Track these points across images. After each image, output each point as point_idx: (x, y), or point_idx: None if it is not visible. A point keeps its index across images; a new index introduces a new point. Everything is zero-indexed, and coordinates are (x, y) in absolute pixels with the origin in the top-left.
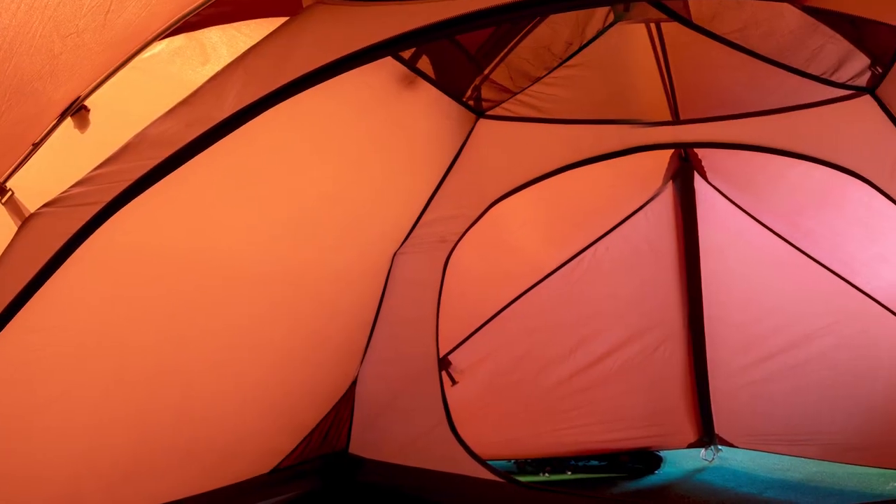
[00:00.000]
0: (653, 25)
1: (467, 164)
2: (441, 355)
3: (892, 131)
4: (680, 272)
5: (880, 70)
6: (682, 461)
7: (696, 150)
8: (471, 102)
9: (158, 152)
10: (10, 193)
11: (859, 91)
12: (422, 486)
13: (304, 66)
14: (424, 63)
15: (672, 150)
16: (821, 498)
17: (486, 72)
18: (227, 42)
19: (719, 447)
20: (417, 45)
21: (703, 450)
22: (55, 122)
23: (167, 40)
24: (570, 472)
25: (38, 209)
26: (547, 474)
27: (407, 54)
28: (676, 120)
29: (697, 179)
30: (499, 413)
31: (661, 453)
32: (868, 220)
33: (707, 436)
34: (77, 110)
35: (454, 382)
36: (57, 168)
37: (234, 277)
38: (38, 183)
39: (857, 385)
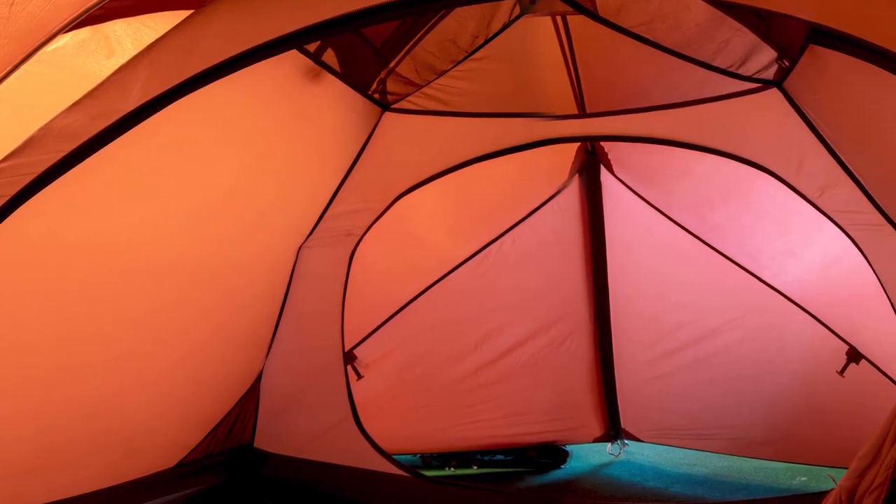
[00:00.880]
0: (559, 18)
1: (373, 157)
2: (346, 349)
3: (799, 125)
4: (586, 266)
5: (787, 63)
6: (589, 455)
7: (602, 143)
8: (376, 96)
9: (63, 145)
10: None
11: (766, 84)
12: (327, 480)
13: (209, 58)
14: (330, 56)
15: (578, 144)
16: (727, 493)
17: (391, 65)
18: (131, 35)
19: (625, 441)
20: (323, 37)
21: (609, 444)
22: None
23: (72, 33)
24: (476, 467)
25: None
26: (453, 469)
27: (312, 47)
28: (583, 113)
29: (604, 173)
30: (405, 407)
31: (568, 448)
32: (775, 214)
33: (613, 430)
34: None
35: (360, 377)
36: None
37: (139, 271)
38: None
39: (764, 379)
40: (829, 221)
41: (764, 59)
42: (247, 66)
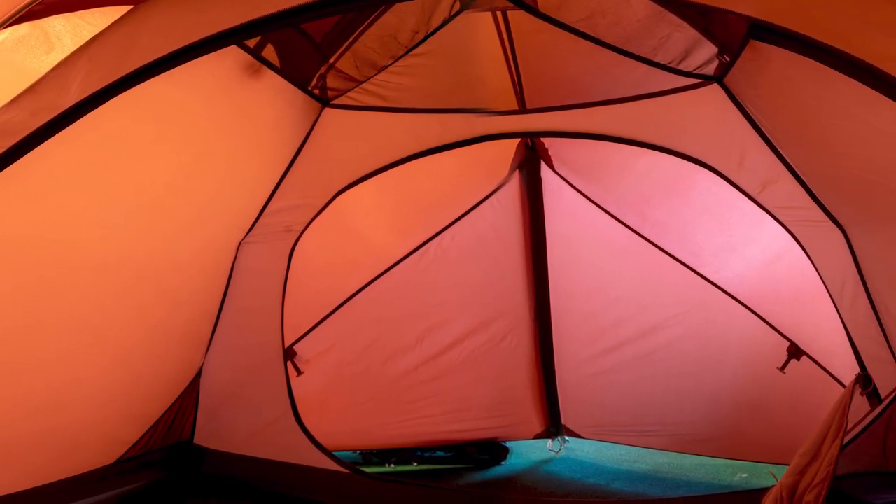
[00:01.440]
0: (499, 14)
1: (312, 153)
2: (286, 345)
3: (740, 120)
4: (527, 262)
5: (728, 59)
6: (529, 452)
7: (542, 139)
8: (316, 91)
9: (2, 141)
10: None
11: (707, 80)
12: (266, 477)
13: (149, 54)
14: (269, 52)
15: (519, 140)
16: (668, 489)
17: (331, 60)
18: (71, 30)
19: (566, 438)
20: (262, 33)
21: (549, 440)
22: None
23: (10, 29)
24: (416, 464)
25: None
26: (392, 465)
27: (252, 43)
28: (523, 109)
29: (544, 169)
30: (345, 404)
31: (508, 444)
32: (716, 211)
33: (554, 426)
34: None
35: (299, 373)
36: None
37: (78, 268)
38: None
39: (705, 375)
40: (770, 217)
41: (704, 54)
42: (186, 62)
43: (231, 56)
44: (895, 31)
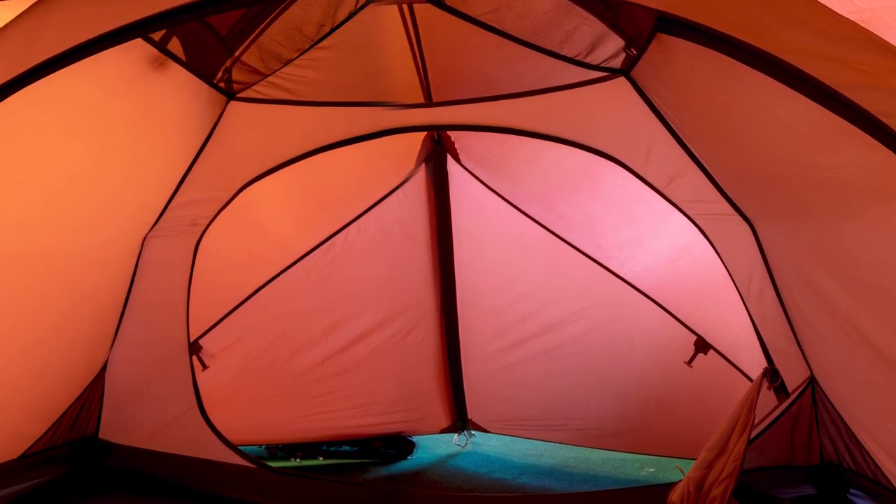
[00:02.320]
0: (405, 7)
1: (218, 146)
2: (192, 339)
3: (647, 114)
4: (433, 256)
5: (635, 52)
6: (435, 446)
7: (449, 132)
8: (221, 84)
9: None
10: None
11: (614, 73)
12: (172, 471)
13: (54, 47)
14: (175, 45)
15: (425, 133)
16: (575, 484)
17: (236, 54)
18: None
19: (472, 432)
20: (168, 26)
21: (456, 435)
22: None
23: None
24: (321, 458)
25: None
26: (298, 460)
27: (157, 35)
28: (429, 102)
29: (450, 162)
30: (250, 398)
31: (414, 438)
32: (623, 204)
33: (460, 421)
34: None
35: (205, 367)
36: None
37: None
38: None
39: (611, 370)
40: (677, 211)
41: (611, 47)
42: (92, 55)
43: (136, 49)
44: (801, 23)
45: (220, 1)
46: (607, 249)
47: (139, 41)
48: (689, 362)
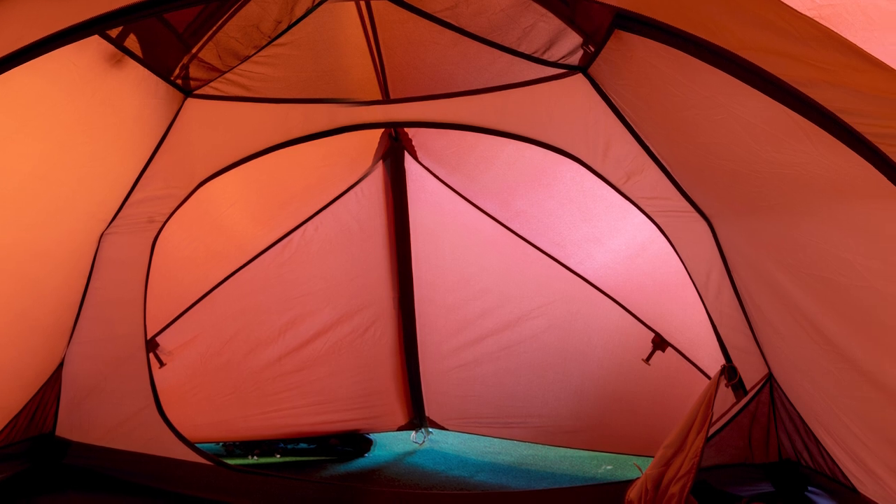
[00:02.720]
0: (363, 3)
1: (175, 143)
2: (149, 337)
3: (605, 111)
4: (390, 253)
5: (592, 49)
6: (393, 444)
7: (406, 129)
8: (179, 81)
9: None
10: None
11: (572, 70)
12: (129, 469)
13: (11, 44)
14: (132, 41)
15: (382, 130)
16: (532, 481)
17: (194, 50)
18: None
19: (430, 430)
20: (125, 22)
21: (413, 432)
22: None
23: None
24: (279, 455)
25: None
26: (255, 457)
27: (115, 32)
28: (386, 99)
29: (408, 159)
30: (208, 395)
31: (372, 436)
32: (580, 201)
33: (417, 418)
34: None
35: (162, 364)
36: None
37: None
38: None
39: (569, 367)
40: (635, 208)
41: (569, 44)
42: (49, 52)
43: (94, 46)
44: (760, 20)
45: None
46: (565, 246)
47: (96, 38)
48: (647, 360)
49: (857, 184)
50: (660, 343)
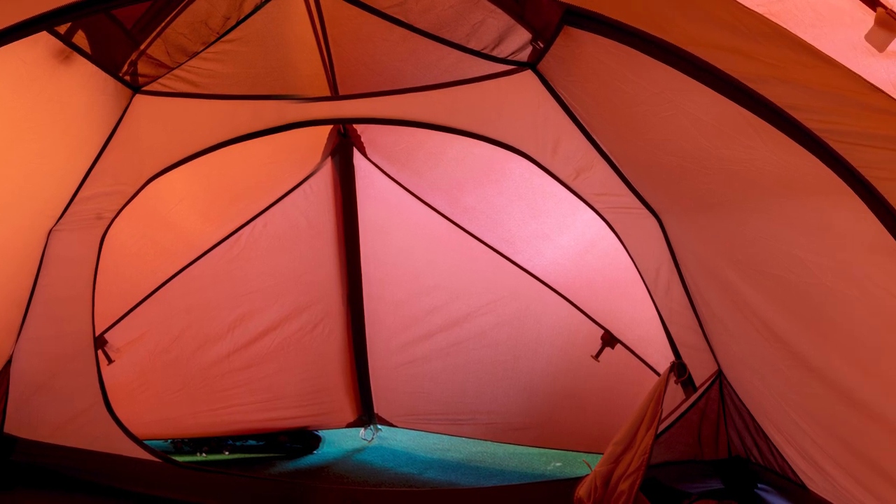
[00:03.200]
0: (311, 0)
1: (124, 140)
2: (97, 334)
3: (554, 107)
4: (339, 249)
5: (542, 45)
6: (342, 441)
7: (355, 125)
8: (127, 78)
9: None
10: None
11: (521, 66)
12: (77, 466)
13: None
14: (80, 38)
15: (331, 126)
16: (482, 478)
17: (142, 47)
18: None
19: (379, 427)
20: (73, 19)
21: (362, 429)
22: None
23: None
24: (227, 453)
25: None
26: (204, 454)
27: (63, 28)
28: (335, 95)
29: (357, 155)
30: (156, 392)
31: (321, 433)
32: (530, 198)
33: (366, 415)
34: None
35: (110, 361)
36: None
37: None
38: None
39: (519, 364)
40: (584, 205)
41: (518, 40)
42: None
43: (41, 42)
44: (709, 16)
45: None
46: (514, 243)
47: (44, 34)
48: (597, 356)
49: (807, 180)
50: (609, 340)
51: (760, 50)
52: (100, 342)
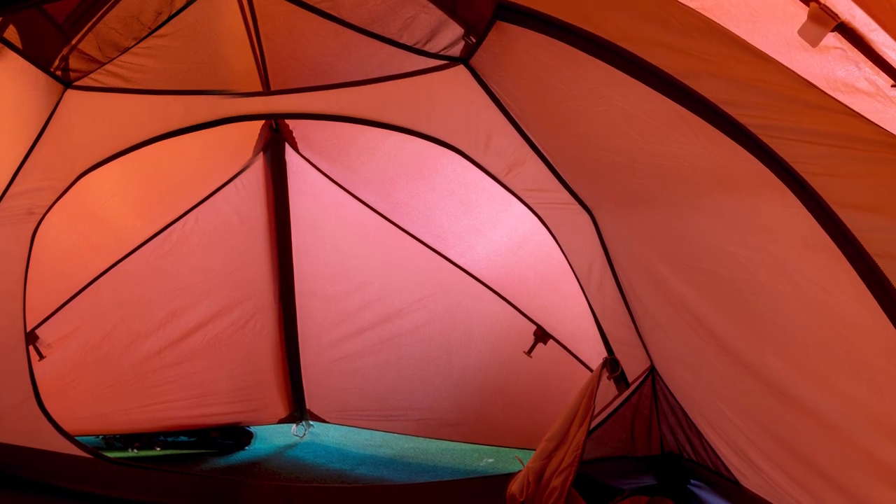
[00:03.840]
0: None
1: (55, 135)
2: (29, 329)
3: (486, 102)
4: (271, 245)
5: (474, 40)
6: (274, 437)
7: (287, 121)
8: (58, 73)
9: None
10: None
11: (453, 61)
12: (8, 461)
13: None
14: (11, 32)
15: (263, 122)
16: (414, 474)
17: (73, 42)
18: None
19: (311, 423)
20: (4, 14)
21: (294, 425)
22: None
23: None
24: (159, 448)
25: None
26: (136, 450)
27: None
28: (267, 90)
29: (289, 151)
30: (88, 388)
31: (252, 429)
32: (462, 193)
33: (298, 411)
34: None
35: (42, 357)
36: None
37: None
38: None
39: (451, 360)
40: (517, 200)
41: (450, 35)
42: None
43: None
44: (641, 11)
45: None
46: (446, 239)
47: None
48: (529, 352)
49: (740, 175)
50: (542, 335)
51: (693, 45)
52: (31, 338)
